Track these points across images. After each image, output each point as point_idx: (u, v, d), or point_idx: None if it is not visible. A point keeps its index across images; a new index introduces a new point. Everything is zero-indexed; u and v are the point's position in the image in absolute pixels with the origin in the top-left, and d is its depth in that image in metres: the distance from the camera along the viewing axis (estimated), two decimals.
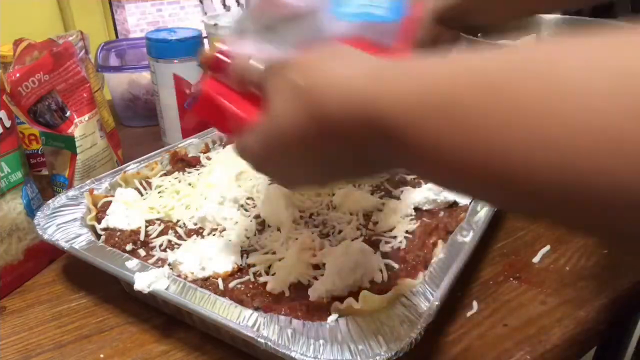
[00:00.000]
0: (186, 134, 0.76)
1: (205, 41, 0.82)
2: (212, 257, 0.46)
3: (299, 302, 0.42)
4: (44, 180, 0.66)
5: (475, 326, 0.47)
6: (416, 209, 0.55)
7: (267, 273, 0.46)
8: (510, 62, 0.24)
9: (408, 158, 0.27)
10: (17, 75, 0.55)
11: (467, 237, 0.48)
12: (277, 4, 0.40)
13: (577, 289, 0.52)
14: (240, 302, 0.42)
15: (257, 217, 0.54)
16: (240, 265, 0.47)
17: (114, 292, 0.51)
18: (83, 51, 0.66)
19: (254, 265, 0.47)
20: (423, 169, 0.28)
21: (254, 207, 0.56)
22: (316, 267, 0.46)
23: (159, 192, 0.58)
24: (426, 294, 0.41)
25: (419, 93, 0.25)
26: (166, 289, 0.43)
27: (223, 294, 0.43)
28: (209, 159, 0.66)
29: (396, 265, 0.46)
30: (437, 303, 0.40)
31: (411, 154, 0.26)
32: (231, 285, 0.44)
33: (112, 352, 0.45)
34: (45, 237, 0.50)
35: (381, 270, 0.45)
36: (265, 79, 0.33)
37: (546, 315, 0.48)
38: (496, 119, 0.22)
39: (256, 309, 0.41)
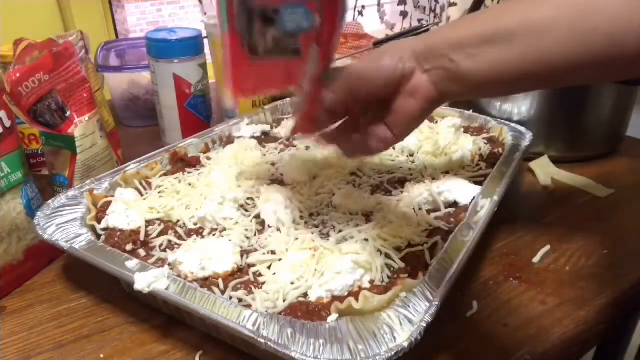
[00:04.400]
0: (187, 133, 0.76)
1: (205, 41, 0.82)
2: (212, 257, 0.46)
3: (299, 302, 0.42)
4: (44, 180, 0.66)
5: (475, 326, 0.47)
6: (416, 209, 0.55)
7: (267, 273, 0.46)
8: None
9: None
10: (17, 75, 0.55)
11: (467, 237, 0.48)
12: None
13: (577, 289, 0.52)
14: (240, 302, 0.42)
15: (257, 217, 0.54)
16: (240, 265, 0.47)
17: (114, 292, 0.51)
18: (83, 51, 0.66)
19: (254, 265, 0.47)
20: None
21: (254, 207, 0.56)
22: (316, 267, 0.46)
23: (159, 192, 0.58)
24: (426, 294, 0.41)
25: None
26: (166, 289, 0.43)
27: (223, 293, 0.43)
28: (209, 159, 0.66)
29: (396, 265, 0.46)
30: (437, 303, 0.40)
31: None
32: (231, 285, 0.44)
33: (112, 352, 0.45)
34: (45, 237, 0.50)
35: (381, 270, 0.45)
36: None
37: (546, 315, 0.48)
38: None
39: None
